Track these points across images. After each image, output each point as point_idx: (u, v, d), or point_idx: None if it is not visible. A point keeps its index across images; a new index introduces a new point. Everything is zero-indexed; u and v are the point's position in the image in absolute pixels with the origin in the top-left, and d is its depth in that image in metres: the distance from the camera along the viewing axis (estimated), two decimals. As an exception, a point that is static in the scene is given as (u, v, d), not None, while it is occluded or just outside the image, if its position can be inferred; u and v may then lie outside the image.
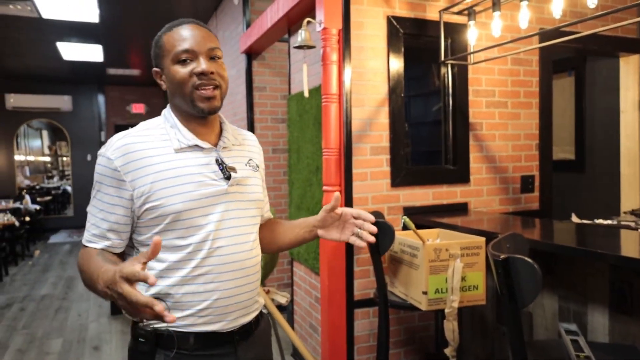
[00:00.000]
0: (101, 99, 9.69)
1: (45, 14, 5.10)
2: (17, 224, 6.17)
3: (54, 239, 8.62)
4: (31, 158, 11.81)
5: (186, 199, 1.11)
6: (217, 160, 1.17)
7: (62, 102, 9.29)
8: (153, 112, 10.06)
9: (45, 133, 12.72)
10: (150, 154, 1.12)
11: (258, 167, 1.30)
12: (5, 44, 6.57)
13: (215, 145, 1.20)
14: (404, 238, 2.14)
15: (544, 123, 3.10)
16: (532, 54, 3.03)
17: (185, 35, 1.14)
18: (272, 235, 1.39)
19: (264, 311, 1.33)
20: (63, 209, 10.56)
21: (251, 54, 4.13)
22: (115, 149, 1.11)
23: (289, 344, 3.24)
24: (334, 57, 2.54)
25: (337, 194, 1.24)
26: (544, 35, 2.71)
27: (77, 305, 4.71)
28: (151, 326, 1.13)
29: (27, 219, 7.23)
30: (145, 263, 0.87)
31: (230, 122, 4.42)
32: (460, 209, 2.88)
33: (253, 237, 1.23)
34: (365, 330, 2.69)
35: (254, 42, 3.72)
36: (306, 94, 2.62)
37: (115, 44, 6.63)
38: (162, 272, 1.12)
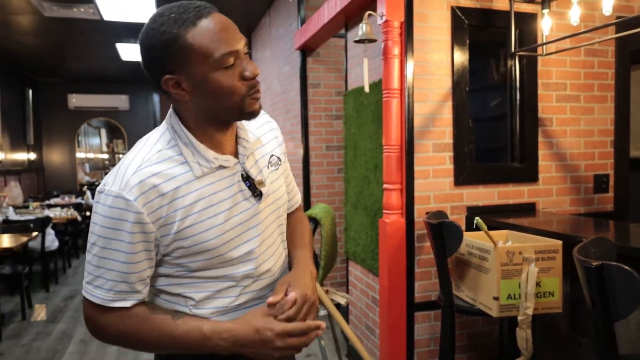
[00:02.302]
0: (156, 98, 9.98)
1: (107, 16, 5.27)
2: (79, 218, 6.43)
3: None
4: (91, 155, 12.36)
5: (220, 232, 0.97)
6: (242, 176, 1.02)
7: (120, 101, 9.63)
8: (205, 110, 10.25)
9: (103, 131, 13.28)
10: (171, 186, 0.93)
11: (280, 160, 1.13)
12: (68, 46, 6.87)
13: (236, 154, 1.03)
14: (473, 240, 2.03)
15: (620, 118, 2.88)
16: (607, 44, 2.82)
17: (219, 32, 0.91)
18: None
19: None
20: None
21: (306, 51, 4.09)
22: (133, 187, 0.90)
23: (344, 344, 3.19)
24: (396, 50, 2.45)
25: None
26: (621, 24, 2.51)
27: (135, 299, 4.85)
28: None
29: (88, 213, 7.54)
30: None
31: (283, 119, 4.39)
32: (528, 209, 2.72)
33: (283, 238, 1.15)
34: (426, 334, 2.59)
35: (309, 38, 3.68)
36: (366, 89, 2.55)
37: (171, 44, 6.78)
38: (199, 302, 1.00)
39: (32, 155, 8.75)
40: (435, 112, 2.54)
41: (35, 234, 4.56)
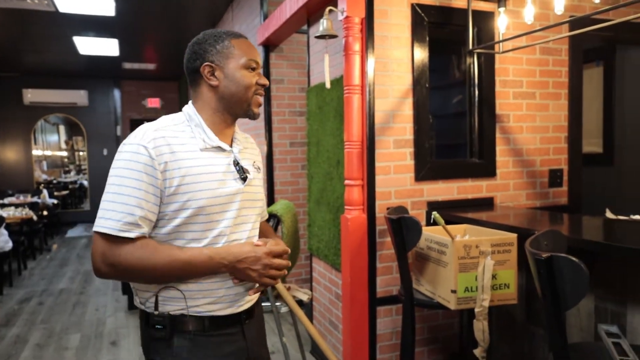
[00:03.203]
0: (117, 93, 9.72)
1: (62, 8, 5.08)
2: (35, 218, 6.20)
3: (71, 233, 8.69)
4: (48, 153, 11.92)
5: (209, 195, 1.18)
6: (234, 162, 1.27)
7: (79, 97, 9.33)
8: (168, 106, 10.06)
9: (62, 128, 12.82)
10: (181, 149, 1.18)
11: (259, 168, 1.38)
12: (23, 39, 6.59)
13: (230, 146, 1.29)
14: (431, 234, 2.06)
15: (574, 115, 2.98)
16: (561, 42, 2.91)
17: (252, 49, 1.28)
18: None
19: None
20: (80, 203, 10.65)
21: (269, 46, 4.06)
22: (152, 139, 1.16)
23: (308, 340, 3.19)
24: (357, 46, 2.46)
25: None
26: (575, 23, 2.60)
27: (95, 300, 4.71)
28: (167, 313, 1.19)
29: (45, 213, 7.28)
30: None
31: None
32: (486, 203, 2.79)
33: (256, 233, 1.34)
34: (388, 328, 2.62)
35: (272, 33, 3.65)
36: (328, 85, 2.54)
37: (131, 38, 6.61)
38: None
39: (-15, 153, 8.38)
40: (396, 108, 2.56)
41: (-14, 234, 4.36)
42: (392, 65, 2.55)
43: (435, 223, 1.94)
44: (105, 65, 8.26)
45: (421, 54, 2.59)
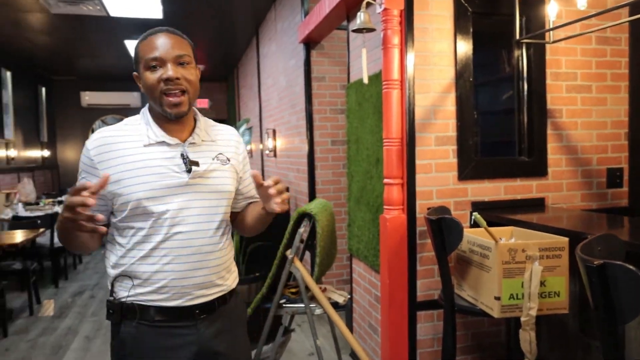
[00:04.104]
0: (167, 94, 10.00)
1: (113, 12, 5.26)
2: (89, 215, 6.44)
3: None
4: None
5: (147, 188, 1.23)
6: (182, 155, 1.28)
7: (131, 98, 9.67)
8: (216, 106, 10.25)
9: (117, 129, 13.31)
10: (122, 147, 1.25)
11: (229, 160, 1.37)
12: (79, 44, 6.89)
13: (184, 141, 1.30)
14: (474, 236, 1.94)
15: (635, 109, 2.74)
16: (620, 30, 2.69)
17: (156, 44, 1.24)
18: (244, 215, 1.48)
19: (237, 290, 1.43)
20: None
21: (309, 44, 4.01)
22: (93, 141, 1.26)
23: (347, 342, 3.11)
24: (396, 40, 2.36)
25: (252, 171, 1.29)
26: (635, 7, 2.39)
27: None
28: (117, 299, 1.28)
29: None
30: (93, 192, 1.05)
31: (289, 113, 4.34)
32: (536, 204, 2.61)
33: (216, 225, 1.32)
34: (429, 334, 2.51)
35: (312, 30, 3.60)
36: (365, 81, 2.46)
37: (179, 40, 6.76)
38: (127, 251, 1.27)
39: (46, 153, 8.84)
40: (438, 103, 2.44)
41: (42, 230, 4.57)
42: (434, 59, 2.43)
43: (477, 225, 1.82)
44: (155, 67, 8.50)
45: (464, 46, 2.46)
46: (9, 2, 4.93)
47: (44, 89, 8.81)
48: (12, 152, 7.05)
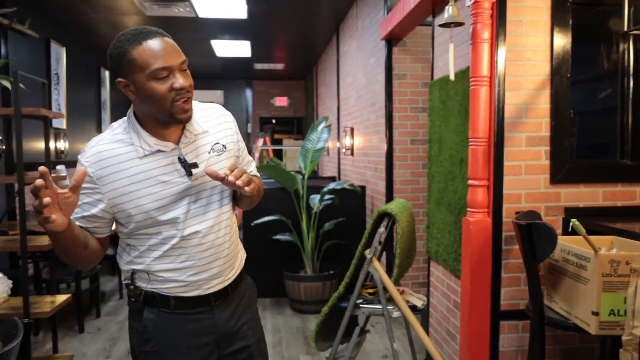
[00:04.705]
0: (248, 93, 10.33)
1: (201, 13, 5.49)
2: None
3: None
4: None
5: (154, 199, 1.25)
6: (179, 159, 1.27)
7: (216, 96, 10.08)
8: (295, 104, 10.43)
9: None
10: (119, 160, 1.23)
11: (225, 147, 1.36)
12: (169, 43, 7.27)
13: (178, 142, 1.28)
14: (569, 245, 1.79)
15: None
16: None
17: (158, 51, 1.17)
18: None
19: (244, 274, 1.49)
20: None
21: (391, 40, 3.94)
22: (89, 156, 1.23)
23: (422, 347, 3.03)
24: (486, 34, 2.24)
25: (208, 169, 1.26)
26: None
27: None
28: (140, 288, 1.32)
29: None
30: (71, 188, 1.09)
31: (368, 111, 4.27)
32: (639, 213, 2.37)
33: (225, 217, 1.36)
34: (513, 346, 2.36)
35: (395, 26, 3.53)
36: (452, 77, 2.36)
37: (262, 39, 6.94)
38: (141, 252, 1.30)
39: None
40: (530, 101, 2.29)
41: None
42: (527, 54, 2.28)
43: (574, 232, 1.68)
44: (238, 66, 8.81)
45: (562, 40, 2.28)
46: (109, 5, 5.31)
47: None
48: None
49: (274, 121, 11.04)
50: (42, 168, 1.02)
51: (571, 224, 1.62)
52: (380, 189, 4.29)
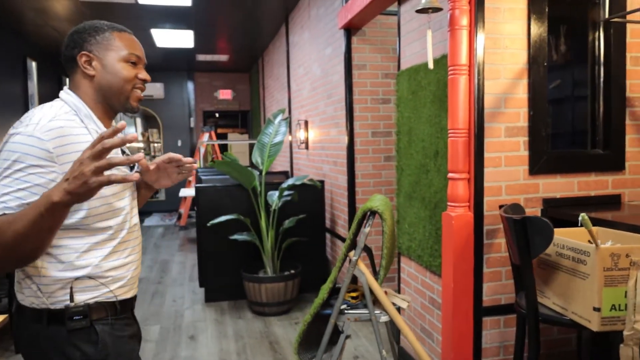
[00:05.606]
0: (190, 85, 9.88)
1: (142, 0, 5.10)
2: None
3: (148, 222, 8.93)
4: (135, 145, 12.38)
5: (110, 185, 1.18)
6: (122, 150, 1.31)
7: (155, 89, 9.56)
8: (239, 97, 10.10)
9: (138, 120, 13.29)
10: (79, 140, 1.15)
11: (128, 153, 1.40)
12: (103, 32, 6.75)
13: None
14: (564, 239, 1.73)
15: None
16: None
17: (135, 43, 1.30)
18: None
19: None
20: (155, 193, 10.97)
21: (350, 30, 3.80)
22: (48, 131, 1.11)
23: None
24: (464, 20, 2.15)
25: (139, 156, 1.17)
26: None
27: (172, 290, 4.71)
28: (84, 302, 1.19)
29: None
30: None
31: (324, 104, 4.14)
32: (611, 202, 2.39)
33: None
34: (495, 342, 2.31)
35: (356, 15, 3.39)
36: (430, 65, 2.25)
37: (206, 29, 6.60)
38: (83, 253, 1.18)
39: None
40: (508, 91, 2.23)
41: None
42: (505, 42, 2.21)
43: (580, 226, 1.61)
44: (180, 57, 8.38)
45: (539, 28, 2.23)
46: (36, -11, 4.81)
47: (67, 80, 8.74)
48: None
49: (217, 115, 10.65)
50: (122, 123, 0.97)
51: (580, 218, 1.55)
52: (340, 184, 4.16)
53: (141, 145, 13.27)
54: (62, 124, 1.14)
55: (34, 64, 6.88)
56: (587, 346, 2.32)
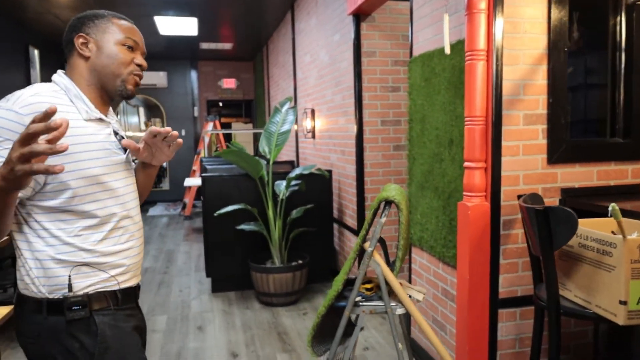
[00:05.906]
0: (194, 74, 9.79)
1: (145, -15, 5.02)
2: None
3: (152, 211, 8.90)
4: (130, 134, 12.33)
5: (102, 164, 1.20)
6: (114, 132, 1.29)
7: (158, 78, 9.49)
8: (243, 86, 10.01)
9: (141, 110, 13.23)
10: (65, 116, 1.11)
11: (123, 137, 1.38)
12: (106, 20, 6.66)
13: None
14: (588, 230, 1.68)
15: None
16: None
17: (135, 31, 1.30)
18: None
19: None
20: (159, 183, 10.94)
21: (359, 16, 3.72)
22: (27, 105, 1.09)
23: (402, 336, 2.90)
24: (482, 4, 2.07)
25: (125, 142, 1.27)
26: None
27: (178, 280, 4.68)
28: (83, 291, 1.18)
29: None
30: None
31: (332, 92, 4.06)
32: (632, 192, 2.33)
33: (138, 200, 1.36)
34: (511, 334, 2.27)
35: (366, 0, 3.31)
36: (447, 50, 2.18)
37: (210, 16, 6.51)
38: (76, 237, 1.16)
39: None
40: (527, 77, 2.16)
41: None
42: (524, 26, 2.14)
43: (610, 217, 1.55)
44: (183, 46, 8.28)
45: (559, 12, 2.16)
46: (39, -25, 4.73)
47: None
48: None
49: (220, 104, 10.57)
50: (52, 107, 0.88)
51: (609, 208, 1.49)
52: (348, 173, 4.10)
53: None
54: (43, 99, 1.12)
55: (36, 52, 6.81)
56: (605, 339, 2.28)
